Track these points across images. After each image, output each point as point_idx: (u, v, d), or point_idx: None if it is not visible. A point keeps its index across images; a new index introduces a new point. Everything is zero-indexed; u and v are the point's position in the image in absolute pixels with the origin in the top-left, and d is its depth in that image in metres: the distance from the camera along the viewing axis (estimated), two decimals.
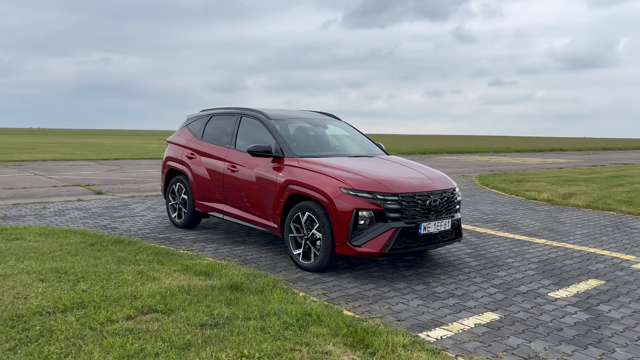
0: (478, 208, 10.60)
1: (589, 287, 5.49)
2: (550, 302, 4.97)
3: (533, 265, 6.26)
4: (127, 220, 8.31)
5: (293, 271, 5.75)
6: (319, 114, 7.64)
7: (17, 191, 11.76)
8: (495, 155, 36.32)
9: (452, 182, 6.21)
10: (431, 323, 4.36)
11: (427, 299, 4.96)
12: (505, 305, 4.86)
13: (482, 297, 5.06)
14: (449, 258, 6.53)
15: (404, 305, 4.79)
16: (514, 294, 5.21)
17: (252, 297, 4.56)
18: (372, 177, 5.63)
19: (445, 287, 5.36)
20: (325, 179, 5.66)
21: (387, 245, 5.38)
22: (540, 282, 5.62)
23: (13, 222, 7.93)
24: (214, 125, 7.49)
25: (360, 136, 7.43)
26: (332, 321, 4.08)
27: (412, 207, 5.54)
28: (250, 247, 6.75)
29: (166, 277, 5.00)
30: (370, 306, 4.72)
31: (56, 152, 28.56)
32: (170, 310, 4.10)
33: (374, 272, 5.83)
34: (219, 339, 3.61)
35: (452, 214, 5.95)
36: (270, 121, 6.64)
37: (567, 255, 6.84)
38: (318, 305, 4.50)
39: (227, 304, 4.34)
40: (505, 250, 7.02)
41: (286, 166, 6.08)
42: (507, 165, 24.84)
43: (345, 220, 5.39)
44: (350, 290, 5.15)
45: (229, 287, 4.82)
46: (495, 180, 15.51)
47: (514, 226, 8.73)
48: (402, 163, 6.44)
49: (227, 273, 5.23)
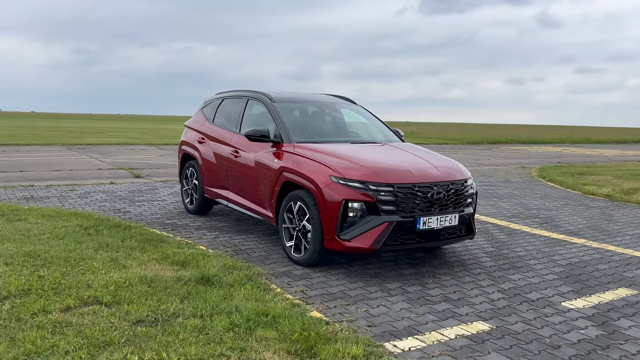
0: (523, 202, 9.75)
1: (615, 297, 4.75)
2: (560, 313, 4.30)
3: (558, 269, 5.54)
4: (144, 204, 8.21)
5: (283, 264, 5.37)
6: (333, 97, 7.16)
7: (61, 173, 12.07)
8: (570, 146, 34.15)
9: (465, 173, 5.57)
10: (406, 331, 3.85)
11: (415, 303, 4.43)
12: (503, 314, 4.25)
13: (480, 304, 4.47)
14: (463, 256, 5.91)
15: (386, 308, 4.29)
16: (520, 301, 4.57)
17: (215, 292, 4.22)
18: (367, 165, 5.13)
19: (443, 289, 4.79)
20: (316, 167, 5.22)
21: (378, 240, 4.88)
22: (558, 288, 4.93)
23: (35, 203, 8.03)
24: (224, 109, 7.20)
25: (375, 122, 6.89)
26: (289, 323, 3.67)
27: (410, 200, 4.99)
28: (251, 237, 6.42)
29: (138, 266, 4.76)
30: (346, 307, 4.26)
31: (124, 136, 29.58)
32: (116, 302, 3.84)
33: (371, 269, 5.34)
34: (145, 338, 3.29)
35: (461, 208, 5.33)
36: (273, 104, 6.25)
37: (605, 258, 6.04)
38: (284, 304, 4.10)
39: (182, 299, 4.03)
40: (533, 250, 6.29)
41: (283, 152, 5.68)
42: (578, 157, 23.19)
43: (334, 211, 4.93)
44: (334, 289, 4.70)
45: (199, 279, 4.51)
46: (555, 173, 14.37)
47: (555, 223, 7.90)
48: (411, 151, 5.86)
49: (206, 264, 4.92)
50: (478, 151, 25.45)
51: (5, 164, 13.77)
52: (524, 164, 18.11)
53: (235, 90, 7.23)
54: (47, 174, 11.84)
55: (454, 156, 21.04)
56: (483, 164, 17.98)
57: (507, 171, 15.43)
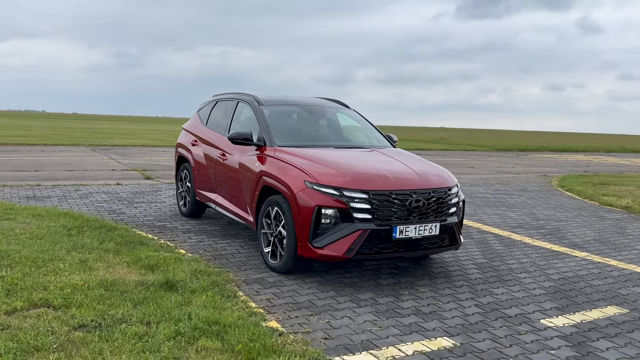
0: (533, 212, 9.40)
1: (601, 315, 4.47)
2: (535, 332, 4.06)
3: (548, 284, 5.26)
4: (142, 206, 8.21)
5: (259, 271, 5.24)
6: (327, 101, 7.01)
7: (74, 173, 12.23)
8: (603, 155, 33.11)
9: (449, 180, 5.34)
10: (362, 345, 3.67)
11: (383, 315, 4.24)
12: (473, 330, 4.03)
13: (452, 318, 4.25)
14: (449, 267, 5.68)
15: (350, 320, 4.11)
16: (496, 317, 4.33)
17: (174, 298, 4.13)
18: (343, 171, 4.96)
19: (417, 302, 4.58)
20: (293, 171, 5.08)
21: (351, 249, 4.71)
22: (541, 304, 4.67)
23: (35, 202, 8.11)
24: (216, 111, 7.13)
25: (367, 126, 6.70)
26: (238, 334, 3.54)
27: (386, 207, 4.81)
28: (236, 242, 6.31)
29: (106, 268, 4.71)
30: (308, 318, 4.10)
31: (151, 138, 30.00)
32: (65, 305, 3.77)
33: (348, 277, 5.16)
34: (79, 344, 3.21)
35: (444, 217, 5.11)
36: (260, 107, 6.15)
37: (602, 273, 5.72)
38: (242, 312, 3.97)
39: (137, 304, 3.94)
40: (527, 262, 6.01)
41: (264, 156, 5.57)
42: (608, 166, 22.42)
43: (307, 217, 4.78)
44: (302, 297, 4.55)
45: (163, 284, 4.43)
46: (576, 182, 13.87)
47: (560, 235, 7.56)
48: (397, 157, 5.65)
49: (175, 269, 4.84)
50: (504, 158, 24.88)
51: (25, 163, 14.05)
52: (548, 173, 17.58)
53: (229, 93, 7.16)
54: (60, 173, 12.01)
55: (477, 163, 20.63)
56: (504, 171, 17.53)
57: (526, 179, 14.99)
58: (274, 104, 6.33)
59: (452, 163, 20.04)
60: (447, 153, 28.08)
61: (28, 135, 27.12)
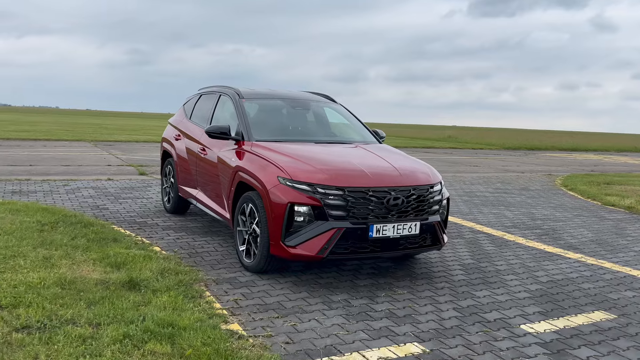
0: (531, 212, 9.12)
1: (586, 321, 4.22)
2: (513, 338, 3.82)
3: (535, 286, 5.02)
4: (127, 202, 8.04)
5: (232, 270, 5.04)
6: (313, 95, 6.78)
7: (69, 168, 12.11)
8: (614, 155, 32.60)
9: (432, 178, 5.10)
10: (324, 351, 3.46)
11: (353, 318, 4.03)
12: (447, 335, 3.80)
13: (426, 322, 4.03)
14: (433, 268, 5.45)
15: (317, 323, 3.90)
16: (474, 321, 4.10)
17: (133, 298, 3.94)
18: (319, 167, 4.74)
19: (393, 304, 4.36)
20: (267, 167, 4.88)
21: (325, 248, 4.49)
22: (524, 308, 4.43)
23: (19, 197, 7.98)
24: (200, 104, 6.94)
25: (353, 121, 6.46)
26: (191, 337, 3.34)
27: (362, 205, 4.58)
28: (216, 239, 6.12)
29: (69, 266, 4.53)
30: (274, 321, 3.90)
31: (156, 134, 29.91)
32: (13, 305, 3.59)
33: (325, 278, 4.95)
34: (16, 347, 3.03)
35: (425, 216, 4.87)
36: (240, 100, 5.94)
37: (594, 276, 5.46)
38: (202, 314, 3.78)
39: (91, 304, 3.76)
40: (517, 264, 5.77)
41: (241, 151, 5.37)
42: (617, 166, 21.99)
43: (279, 215, 4.57)
44: (272, 299, 4.34)
45: (125, 283, 4.24)
46: (580, 182, 13.54)
47: (556, 236, 7.30)
48: (380, 153, 5.40)
49: (143, 267, 4.65)
50: (511, 157, 24.51)
51: (22, 157, 13.96)
52: (553, 172, 17.23)
53: (214, 86, 6.96)
54: (55, 168, 11.89)
55: (482, 161, 20.29)
56: (509, 170, 17.20)
57: (529, 178, 14.67)
58: (255, 97, 6.12)
59: (457, 161, 19.74)
60: (453, 151, 27.74)
61: (33, 130, 27.15)
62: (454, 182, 12.76)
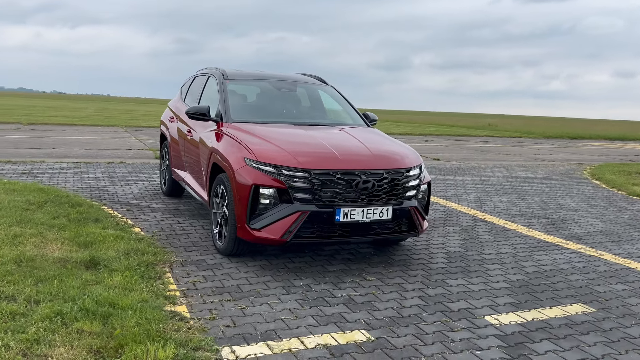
0: (545, 201, 8.74)
1: (560, 314, 3.97)
2: (472, 329, 3.62)
3: (517, 277, 4.77)
4: (129, 184, 8.11)
5: (205, 253, 4.98)
6: (303, 76, 6.63)
7: (88, 151, 12.36)
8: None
9: (410, 161, 4.88)
10: (263, 335, 3.36)
11: (308, 303, 3.90)
12: (399, 324, 3.63)
13: (384, 310, 3.86)
14: (415, 255, 5.26)
15: (268, 307, 3.80)
16: (435, 310, 3.91)
17: (86, 276, 3.93)
18: (286, 148, 4.61)
19: (356, 290, 4.21)
20: (236, 148, 4.78)
21: (289, 231, 4.37)
22: (496, 299, 4.20)
23: (26, 177, 8.16)
24: (193, 86, 6.90)
25: (344, 104, 6.27)
26: (127, 317, 3.29)
27: (330, 188, 4.43)
28: (201, 222, 6.08)
29: (37, 244, 4.56)
30: (224, 304, 3.81)
31: None
32: None
33: (296, 262, 4.83)
34: None
35: (399, 201, 4.68)
36: (223, 81, 5.85)
37: (587, 267, 5.16)
38: (149, 295, 3.73)
39: (39, 281, 3.76)
40: (507, 253, 5.51)
41: (218, 132, 5.28)
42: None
43: (244, 197, 4.48)
44: (233, 282, 4.26)
45: (86, 262, 4.25)
46: (610, 171, 12.92)
47: (562, 226, 6.95)
48: (357, 136, 5.20)
49: (111, 246, 4.66)
50: (549, 146, 23.68)
51: (49, 141, 14.32)
52: (587, 161, 16.53)
53: (207, 68, 6.90)
54: (75, 152, 12.15)
55: (515, 150, 19.68)
56: (539, 158, 16.60)
57: (557, 167, 14.11)
58: (240, 78, 6.03)
59: (488, 149, 19.20)
60: (489, 139, 27.03)
61: (72, 116, 27.93)
62: (474, 170, 12.39)
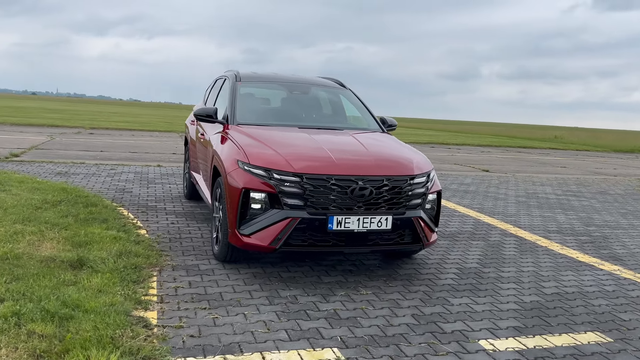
0: (591, 217, 8.09)
1: (569, 342, 3.53)
2: (460, 354, 3.27)
3: (532, 298, 4.33)
4: (155, 187, 8.14)
5: (201, 257, 4.83)
6: (322, 79, 6.40)
7: (132, 155, 12.62)
8: None
9: (416, 168, 4.55)
10: (225, 348, 3.14)
11: (287, 316, 3.66)
12: (379, 344, 3.32)
13: (367, 327, 3.56)
14: (424, 270, 4.90)
15: (243, 318, 3.58)
16: (425, 331, 3.57)
17: (63, 276, 3.86)
18: (280, 151, 4.39)
19: (344, 305, 3.93)
20: (232, 150, 4.62)
21: (278, 238, 4.15)
22: (498, 322, 3.80)
23: (59, 177, 8.35)
24: (214, 89, 6.82)
25: (360, 108, 5.98)
26: (88, 320, 3.17)
27: (323, 194, 4.18)
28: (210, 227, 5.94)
29: (32, 242, 4.55)
30: (197, 312, 3.63)
31: None
32: None
33: (291, 271, 4.59)
34: None
35: (400, 210, 4.36)
36: (236, 83, 5.72)
37: (617, 292, 4.64)
38: (120, 298, 3.60)
39: (14, 280, 3.72)
40: (529, 272, 5.05)
41: (223, 134, 5.14)
42: None
43: (235, 201, 4.29)
44: (217, 289, 4.08)
45: (72, 262, 4.19)
46: None
47: (602, 245, 6.36)
48: (363, 141, 4.90)
49: (103, 247, 4.59)
50: (615, 160, 22.32)
51: (99, 144, 14.79)
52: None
53: (228, 70, 6.81)
54: (119, 154, 12.44)
55: (577, 163, 18.64)
56: (600, 172, 15.59)
57: (616, 182, 13.16)
58: (253, 80, 5.88)
59: (547, 162, 18.29)
60: (551, 152, 25.85)
61: (133, 121, 28.93)
62: (521, 183, 11.74)
